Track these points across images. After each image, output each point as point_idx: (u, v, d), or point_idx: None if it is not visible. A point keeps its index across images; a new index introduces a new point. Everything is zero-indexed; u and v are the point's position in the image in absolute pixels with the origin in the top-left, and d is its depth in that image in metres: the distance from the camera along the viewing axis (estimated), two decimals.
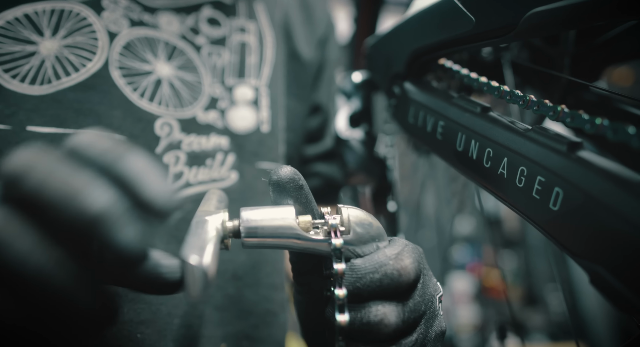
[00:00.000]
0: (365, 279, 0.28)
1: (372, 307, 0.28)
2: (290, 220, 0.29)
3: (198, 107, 0.50)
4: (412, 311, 0.29)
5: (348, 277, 0.29)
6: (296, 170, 0.31)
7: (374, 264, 0.29)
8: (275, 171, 0.30)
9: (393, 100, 0.48)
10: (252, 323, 0.49)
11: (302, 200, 0.30)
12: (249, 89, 0.54)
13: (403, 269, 0.29)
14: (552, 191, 0.29)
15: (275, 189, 0.30)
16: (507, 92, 0.35)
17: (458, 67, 0.42)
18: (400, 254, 0.29)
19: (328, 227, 0.29)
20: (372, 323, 0.28)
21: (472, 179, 0.37)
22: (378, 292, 0.28)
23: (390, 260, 0.29)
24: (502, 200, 0.35)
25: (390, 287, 0.28)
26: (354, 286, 0.28)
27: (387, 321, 0.28)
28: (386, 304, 0.29)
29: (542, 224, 0.31)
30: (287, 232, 0.29)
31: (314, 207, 0.31)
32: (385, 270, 0.28)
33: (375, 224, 0.31)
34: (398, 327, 0.29)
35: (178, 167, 0.47)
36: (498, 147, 0.34)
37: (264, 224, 0.29)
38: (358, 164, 0.56)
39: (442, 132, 0.40)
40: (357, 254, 0.30)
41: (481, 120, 0.36)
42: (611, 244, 0.25)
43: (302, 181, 0.30)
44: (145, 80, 0.47)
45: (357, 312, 0.28)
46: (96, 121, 0.43)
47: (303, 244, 0.29)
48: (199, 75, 0.51)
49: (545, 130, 0.31)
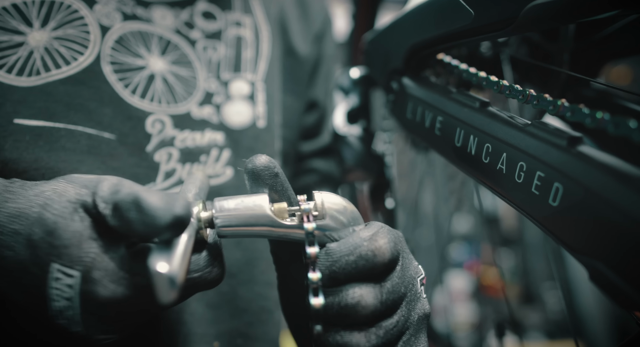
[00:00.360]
0: (341, 261, 0.28)
1: (349, 290, 0.28)
2: (264, 208, 0.29)
3: (192, 102, 0.49)
4: (390, 293, 0.29)
5: (323, 261, 0.29)
6: (271, 158, 0.31)
7: (349, 247, 0.29)
8: (250, 160, 0.30)
9: (391, 95, 0.48)
10: (247, 321, 0.48)
11: (278, 188, 0.30)
12: (245, 84, 0.53)
13: (377, 249, 0.29)
14: (551, 186, 0.29)
15: (251, 177, 0.30)
16: (507, 87, 0.35)
17: (457, 62, 0.42)
18: (375, 235, 0.29)
19: (301, 212, 0.29)
20: (350, 306, 0.28)
21: (471, 175, 0.37)
22: (354, 275, 0.28)
23: (365, 241, 0.29)
24: (500, 196, 0.34)
25: (366, 268, 0.28)
26: (330, 270, 0.28)
27: (364, 303, 0.28)
28: (363, 286, 0.28)
29: (541, 220, 0.30)
30: (261, 220, 0.29)
31: (291, 195, 0.31)
32: (359, 251, 0.28)
33: (350, 208, 0.31)
34: (376, 308, 0.28)
35: (170, 164, 0.46)
36: (497, 142, 0.34)
37: (238, 213, 0.29)
38: (356, 160, 0.55)
39: (441, 127, 0.40)
40: (332, 239, 0.30)
41: (480, 115, 0.36)
42: (611, 239, 0.25)
43: (277, 169, 0.30)
44: (137, 76, 0.46)
45: (335, 296, 0.28)
46: (86, 117, 0.42)
47: (278, 231, 0.29)
48: (194, 70, 0.50)
49: (545, 125, 0.31)
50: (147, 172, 0.45)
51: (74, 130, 0.41)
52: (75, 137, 0.41)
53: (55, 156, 0.40)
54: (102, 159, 0.42)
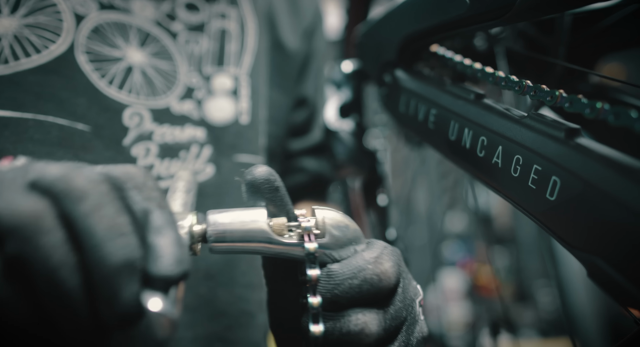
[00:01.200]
0: (344, 285, 0.27)
1: (352, 316, 0.27)
2: (262, 223, 0.27)
3: (172, 96, 0.48)
4: (393, 318, 0.28)
5: (325, 284, 0.27)
6: (272, 170, 0.29)
7: (352, 269, 0.27)
8: (249, 171, 0.29)
9: (384, 88, 0.46)
10: (225, 324, 0.46)
11: (277, 202, 0.29)
12: (228, 79, 0.51)
13: (383, 273, 0.27)
14: (549, 180, 0.28)
15: (249, 189, 0.29)
16: (502, 78, 0.33)
17: (451, 54, 0.40)
18: (380, 257, 0.28)
19: (302, 230, 0.28)
20: (353, 333, 0.26)
21: (466, 169, 0.36)
22: (357, 299, 0.27)
23: (369, 264, 0.27)
24: (496, 191, 0.33)
25: (370, 293, 0.27)
26: (332, 293, 0.27)
27: (368, 331, 0.26)
28: (366, 312, 0.27)
29: (538, 215, 0.29)
30: (258, 236, 0.27)
31: (290, 210, 0.29)
32: (364, 275, 0.27)
33: (352, 227, 0.29)
34: (380, 336, 0.27)
35: (148, 159, 0.45)
36: (492, 135, 0.32)
37: (233, 227, 0.27)
38: (348, 156, 0.54)
39: (435, 120, 0.38)
40: (333, 259, 0.28)
41: (475, 107, 0.35)
42: (611, 234, 0.24)
43: (277, 183, 0.29)
44: (114, 67, 0.45)
45: (336, 322, 0.27)
46: (58, 107, 0.40)
47: (275, 248, 0.27)
48: (174, 63, 0.49)
49: (542, 117, 0.29)
50: None
51: (43, 121, 0.40)
52: (45, 127, 0.39)
53: (22, 148, 0.38)
54: (75, 151, 0.41)
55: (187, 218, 0.27)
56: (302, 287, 0.28)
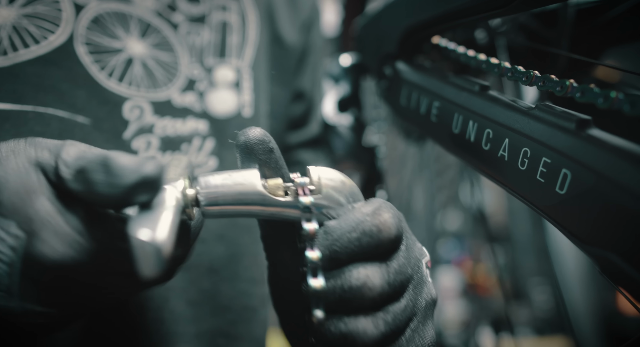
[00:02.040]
0: (342, 240, 0.25)
1: (353, 271, 0.25)
2: (255, 184, 0.26)
3: (174, 88, 0.47)
4: (397, 273, 0.26)
5: (323, 241, 0.26)
6: (266, 132, 0.28)
7: (350, 223, 0.26)
8: (243, 132, 0.28)
9: (384, 81, 0.45)
10: (229, 319, 0.46)
11: (272, 164, 0.28)
12: (230, 71, 0.50)
13: (382, 223, 0.26)
14: (559, 173, 0.27)
15: (243, 151, 0.28)
16: (509, 69, 0.32)
17: (454, 46, 0.39)
18: (378, 209, 0.26)
19: (296, 186, 0.27)
20: (355, 288, 0.25)
21: (470, 163, 0.35)
22: (357, 253, 0.26)
23: (368, 216, 0.26)
24: (502, 185, 0.32)
25: (371, 245, 0.26)
26: (330, 250, 0.26)
27: (370, 284, 0.25)
28: (368, 266, 0.26)
29: (547, 209, 0.28)
30: (251, 197, 0.26)
31: (285, 173, 0.28)
32: (363, 227, 0.26)
33: (349, 183, 0.28)
34: (384, 290, 0.26)
35: (150, 153, 0.44)
36: (498, 127, 0.31)
37: (226, 189, 0.26)
38: (346, 151, 0.53)
39: (437, 113, 0.37)
40: (331, 217, 0.27)
41: (480, 99, 0.34)
42: (626, 228, 0.23)
43: (272, 144, 0.28)
44: (114, 59, 0.43)
45: (337, 279, 0.25)
46: (58, 100, 0.39)
47: (270, 210, 0.26)
48: (176, 54, 0.48)
49: (551, 108, 0.29)
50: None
51: (43, 113, 0.39)
52: (45, 120, 0.38)
53: None
54: None
55: (179, 182, 0.26)
56: (302, 256, 0.27)
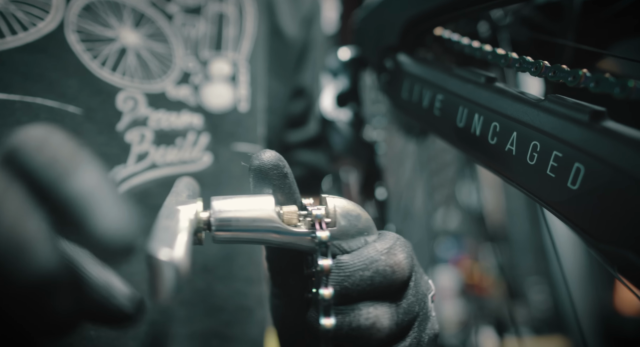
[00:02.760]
0: (355, 277, 0.25)
1: (363, 310, 0.25)
2: (270, 211, 0.26)
3: (168, 81, 0.45)
4: (406, 313, 0.26)
5: (334, 276, 0.25)
6: (281, 156, 0.27)
7: (364, 260, 0.25)
8: (257, 155, 0.27)
9: (384, 75, 0.44)
10: (223, 320, 0.44)
11: (286, 190, 0.27)
12: (226, 64, 0.49)
13: (397, 264, 0.26)
14: (571, 167, 0.25)
15: (256, 175, 0.27)
16: (516, 60, 0.31)
17: (457, 37, 0.38)
18: (393, 248, 0.26)
19: (312, 219, 0.26)
20: (363, 327, 0.25)
21: (475, 158, 0.33)
22: (369, 292, 0.25)
23: (382, 255, 0.26)
24: (509, 180, 0.31)
25: (383, 285, 0.25)
26: (342, 286, 0.25)
27: (379, 325, 0.25)
28: (378, 306, 0.26)
29: (557, 206, 0.27)
30: (265, 224, 0.25)
31: (298, 199, 0.28)
32: (376, 267, 0.25)
33: (364, 216, 0.28)
34: (392, 331, 0.26)
35: (143, 146, 0.42)
36: (506, 120, 0.30)
37: (239, 215, 0.25)
38: (345, 147, 0.52)
39: (441, 107, 0.36)
40: (343, 250, 0.27)
41: (486, 91, 0.32)
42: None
43: (286, 169, 0.27)
44: (107, 48, 0.42)
45: (346, 316, 0.25)
46: (47, 89, 0.38)
47: (283, 238, 0.26)
48: (170, 46, 0.46)
49: (562, 99, 0.27)
50: (117, 153, 0.41)
51: (31, 103, 0.37)
52: (33, 110, 0.37)
53: (9, 131, 0.35)
54: None
55: (192, 205, 0.25)
56: (308, 281, 0.27)
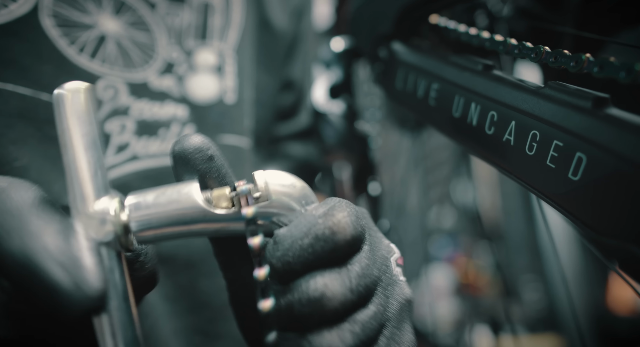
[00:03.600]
0: (294, 248, 0.23)
1: (310, 281, 0.23)
2: (193, 198, 0.23)
3: (150, 71, 0.43)
4: (360, 276, 0.24)
5: (273, 252, 0.23)
6: (206, 138, 0.25)
7: (301, 228, 0.23)
8: (177, 141, 0.25)
9: (378, 64, 0.42)
10: (207, 317, 0.43)
11: (214, 174, 0.25)
12: (212, 54, 0.47)
13: (335, 225, 0.23)
14: (572, 157, 0.24)
15: (178, 162, 0.25)
16: (515, 46, 0.30)
17: (454, 25, 0.37)
18: (331, 209, 0.24)
19: (237, 195, 0.24)
20: (313, 300, 0.22)
21: (472, 149, 0.32)
22: (312, 261, 0.23)
23: (320, 218, 0.23)
24: (506, 172, 0.30)
25: (325, 250, 0.23)
26: (283, 261, 0.23)
27: (329, 294, 0.22)
28: (325, 274, 0.23)
29: (556, 198, 0.26)
30: (189, 214, 0.23)
31: (231, 182, 0.26)
32: (315, 231, 0.23)
33: (300, 185, 0.25)
34: (346, 297, 0.23)
35: (124, 137, 0.40)
36: (504, 109, 0.29)
37: (159, 209, 0.23)
38: (337, 140, 0.50)
39: (436, 96, 0.35)
40: (283, 224, 0.24)
41: (483, 79, 0.31)
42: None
43: (211, 151, 0.25)
44: (84, 35, 0.40)
45: (293, 293, 0.23)
46: (19, 75, 0.36)
47: (213, 226, 0.24)
48: (153, 35, 0.44)
49: (564, 86, 0.26)
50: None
51: (1, 90, 0.35)
52: (3, 97, 0.35)
53: None
54: (38, 125, 0.36)
55: (106, 204, 0.22)
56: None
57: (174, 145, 0.25)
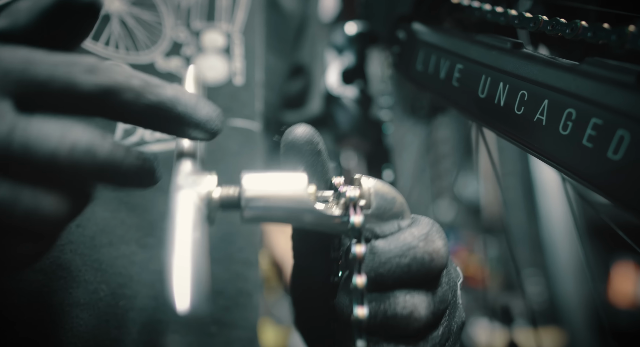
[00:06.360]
0: (390, 263, 0.24)
1: (399, 298, 0.24)
2: (303, 190, 0.24)
3: (157, 52, 0.42)
4: (441, 302, 0.25)
5: (368, 262, 0.24)
6: (316, 131, 0.26)
7: (401, 247, 0.24)
8: (290, 130, 0.26)
9: (396, 47, 0.41)
10: (222, 305, 0.42)
11: (319, 168, 0.26)
12: (220, 35, 0.46)
13: (435, 252, 0.24)
14: (612, 136, 0.23)
15: (288, 151, 0.26)
16: (547, 22, 0.29)
17: (478, 3, 0.35)
18: (430, 234, 0.25)
19: (346, 201, 0.25)
20: (400, 316, 0.24)
21: (499, 130, 0.31)
22: (405, 280, 0.24)
23: (420, 241, 0.24)
24: (536, 153, 0.29)
25: (420, 273, 0.24)
26: (376, 272, 0.24)
27: (417, 314, 0.24)
28: (415, 294, 0.24)
29: (594, 179, 0.25)
30: (297, 205, 0.24)
31: (329, 178, 0.27)
32: (414, 253, 0.24)
33: (399, 199, 0.26)
34: (428, 320, 0.25)
35: None
36: (536, 87, 0.28)
37: (270, 194, 0.24)
38: (351, 125, 0.49)
39: (460, 77, 0.33)
40: (375, 234, 0.25)
41: (513, 57, 0.30)
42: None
43: (320, 145, 0.26)
44: None
45: (380, 303, 0.24)
46: None
47: (315, 220, 0.24)
48: (159, 14, 0.43)
49: (603, 62, 0.25)
50: (101, 128, 0.37)
51: None
52: None
53: None
54: None
55: (208, 179, 0.24)
56: (334, 264, 0.25)
57: (286, 133, 0.26)
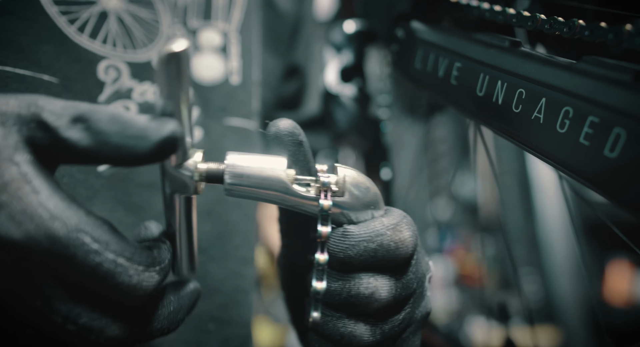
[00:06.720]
0: (359, 247, 0.26)
1: (364, 279, 0.26)
2: (281, 171, 0.26)
3: (155, 50, 0.42)
4: (404, 288, 0.27)
5: (339, 243, 0.26)
6: (297, 124, 0.28)
7: (370, 233, 0.26)
8: (274, 123, 0.28)
9: (395, 45, 0.41)
10: (219, 302, 0.42)
11: (300, 157, 0.28)
12: (216, 34, 0.46)
13: (401, 241, 0.26)
14: (609, 134, 0.23)
15: (272, 142, 0.28)
16: (545, 21, 0.29)
17: (476, 2, 0.36)
18: (399, 225, 0.27)
19: (319, 185, 0.27)
20: (362, 296, 0.26)
21: (496, 128, 0.31)
22: (371, 263, 0.26)
23: (388, 230, 0.26)
24: (533, 151, 0.29)
25: (385, 259, 0.26)
26: (345, 253, 0.26)
27: (378, 295, 0.26)
28: (378, 277, 0.27)
29: (591, 177, 0.25)
30: (275, 184, 0.26)
31: (312, 167, 0.29)
32: (381, 240, 0.26)
33: (373, 190, 0.28)
34: (388, 303, 0.27)
35: None
36: (534, 86, 0.28)
37: (252, 171, 0.26)
38: (349, 123, 0.49)
39: (459, 75, 0.34)
40: (349, 220, 0.27)
41: (511, 55, 0.30)
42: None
43: (302, 137, 0.28)
44: (86, 12, 0.38)
45: (346, 282, 0.26)
46: (17, 55, 0.34)
47: (290, 200, 0.27)
48: (156, 12, 0.43)
49: (600, 60, 0.25)
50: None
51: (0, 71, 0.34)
52: (2, 79, 0.34)
53: None
54: None
55: (196, 154, 0.26)
56: (313, 245, 0.27)
57: (270, 126, 0.28)
